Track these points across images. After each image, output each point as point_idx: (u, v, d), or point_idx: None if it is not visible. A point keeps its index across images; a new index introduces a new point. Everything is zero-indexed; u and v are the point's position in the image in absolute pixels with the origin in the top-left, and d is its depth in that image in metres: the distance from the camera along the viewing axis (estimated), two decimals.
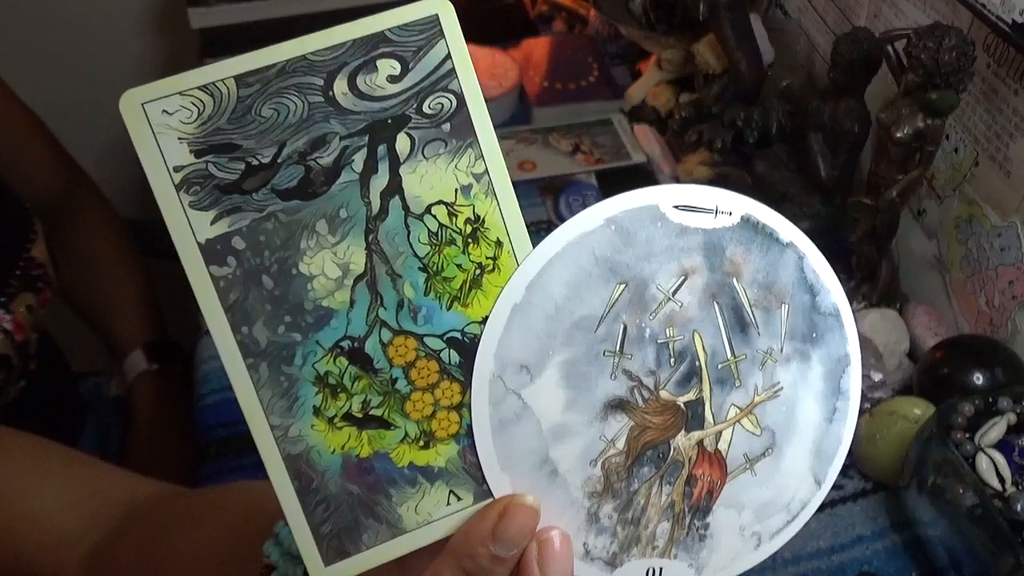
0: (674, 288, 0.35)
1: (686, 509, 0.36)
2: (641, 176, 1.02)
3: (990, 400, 0.64)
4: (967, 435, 0.62)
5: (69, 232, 1.03)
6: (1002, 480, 0.60)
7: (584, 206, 0.34)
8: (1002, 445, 0.61)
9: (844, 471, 0.74)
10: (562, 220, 0.34)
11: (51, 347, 1.01)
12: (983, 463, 0.60)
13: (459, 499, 0.35)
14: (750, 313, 0.35)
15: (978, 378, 0.69)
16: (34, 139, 0.99)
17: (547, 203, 0.99)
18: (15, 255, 0.85)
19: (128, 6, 1.42)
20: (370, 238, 0.33)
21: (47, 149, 1.00)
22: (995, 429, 0.62)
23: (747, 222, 0.35)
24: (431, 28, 0.33)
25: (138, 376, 1.01)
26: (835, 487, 0.73)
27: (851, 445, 0.74)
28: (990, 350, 0.71)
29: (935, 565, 0.66)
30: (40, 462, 0.60)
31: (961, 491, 0.61)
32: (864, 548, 0.69)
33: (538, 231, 0.34)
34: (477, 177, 0.34)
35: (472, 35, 0.33)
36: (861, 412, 0.73)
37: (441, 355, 0.34)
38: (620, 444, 0.35)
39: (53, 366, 1.00)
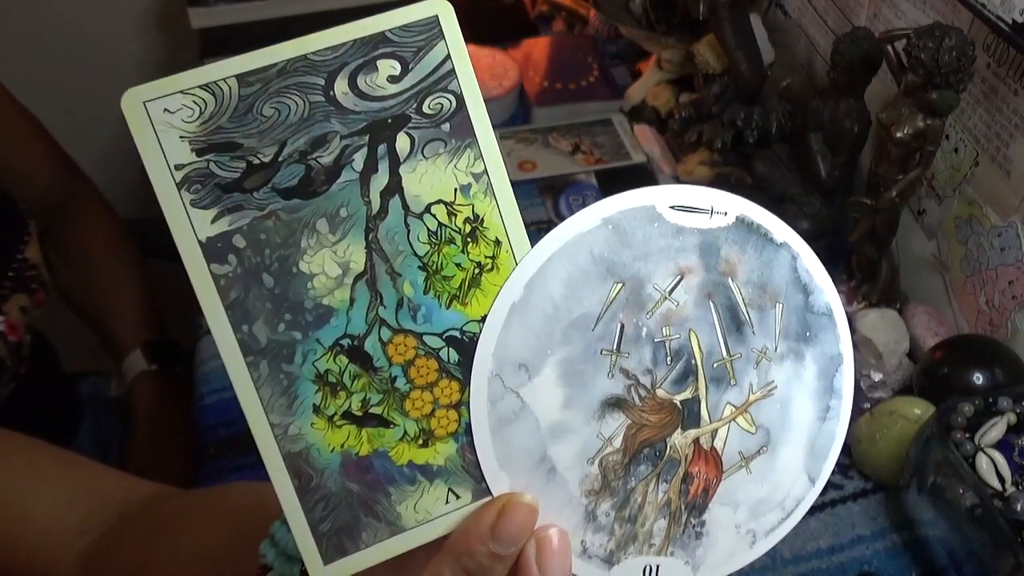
0: (670, 287, 0.35)
1: (682, 507, 0.36)
2: (641, 176, 1.02)
3: (990, 400, 0.64)
4: (967, 435, 0.63)
5: (68, 233, 1.03)
6: (1002, 480, 0.60)
7: (584, 206, 0.34)
8: (1002, 445, 0.62)
9: (844, 471, 0.74)
10: (562, 220, 0.34)
11: (45, 348, 1.01)
12: (983, 463, 0.60)
13: (458, 497, 0.35)
14: (745, 312, 0.36)
15: (978, 378, 0.69)
16: (32, 140, 0.99)
17: (547, 203, 0.99)
18: (9, 256, 0.85)
19: (128, 6, 1.43)
20: (370, 237, 0.33)
21: (45, 149, 1.00)
22: (995, 429, 0.62)
23: (742, 222, 0.35)
24: (431, 29, 0.33)
25: (137, 376, 1.01)
26: (835, 487, 0.73)
27: (851, 445, 0.74)
28: (990, 350, 0.71)
29: (935, 565, 0.66)
30: (35, 463, 0.60)
31: (961, 491, 0.61)
32: (864, 548, 0.69)
33: (538, 231, 0.34)
34: (476, 177, 0.34)
35: (472, 35, 0.33)
36: (861, 412, 0.73)
37: (440, 353, 0.34)
38: (617, 442, 0.35)
39: (47, 367, 1.00)
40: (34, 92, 1.02)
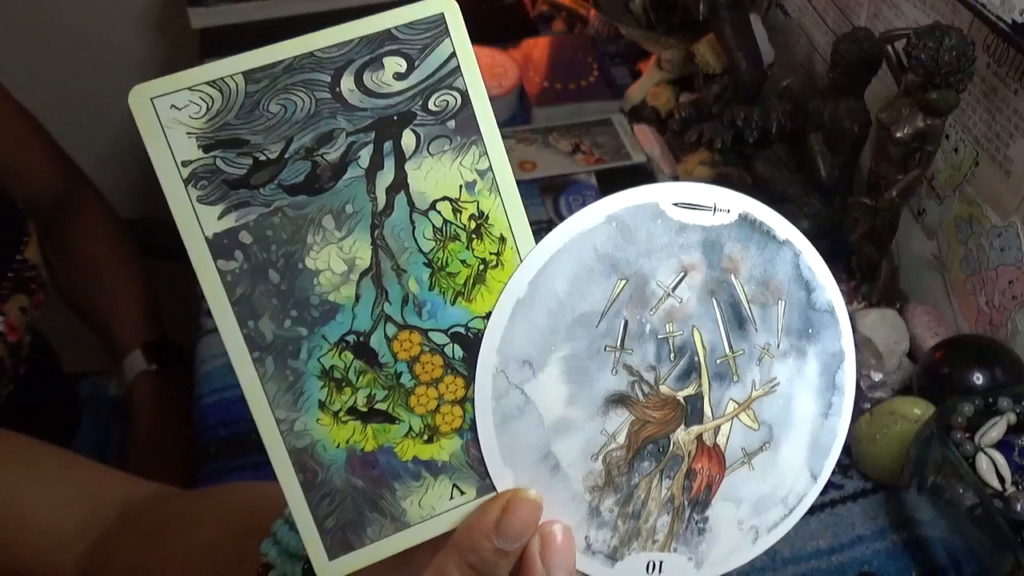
0: (674, 284, 0.35)
1: (685, 503, 0.36)
2: (641, 176, 1.03)
3: (990, 400, 0.64)
4: (967, 435, 0.63)
5: (68, 233, 1.03)
6: (1002, 480, 0.60)
7: (584, 206, 0.35)
8: (1002, 445, 0.62)
9: (844, 471, 0.74)
10: (562, 220, 0.35)
11: (45, 348, 1.01)
12: (983, 463, 0.60)
13: (462, 493, 0.35)
14: (748, 309, 0.36)
15: (978, 378, 0.69)
16: (31, 140, 0.99)
17: (547, 203, 0.99)
18: (8, 257, 0.85)
19: (128, 6, 1.43)
20: (375, 233, 0.33)
21: (44, 150, 1.00)
22: (995, 429, 0.62)
23: (745, 220, 0.36)
24: (437, 26, 0.33)
25: (137, 376, 1.01)
26: (835, 487, 0.73)
27: (851, 445, 0.74)
28: (990, 350, 0.71)
29: (935, 565, 0.67)
30: (34, 463, 0.60)
31: (961, 491, 0.61)
32: (864, 548, 0.69)
33: (538, 231, 0.34)
34: (481, 174, 0.34)
35: (472, 35, 0.33)
36: (861, 412, 0.74)
37: (445, 350, 0.34)
38: (621, 438, 0.35)
39: (47, 367, 1.00)
40: (34, 92, 1.03)
